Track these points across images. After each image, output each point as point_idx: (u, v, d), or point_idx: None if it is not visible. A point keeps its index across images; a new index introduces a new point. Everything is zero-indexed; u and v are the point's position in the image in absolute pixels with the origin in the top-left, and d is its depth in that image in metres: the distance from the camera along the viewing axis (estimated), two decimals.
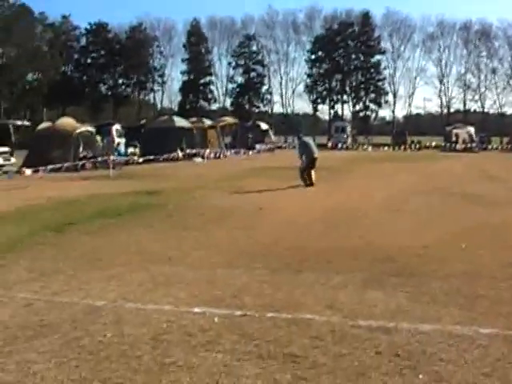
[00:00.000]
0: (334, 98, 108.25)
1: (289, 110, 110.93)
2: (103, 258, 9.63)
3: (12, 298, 7.56)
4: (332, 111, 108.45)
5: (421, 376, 4.93)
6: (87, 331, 6.12)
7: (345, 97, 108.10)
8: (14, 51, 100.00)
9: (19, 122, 56.30)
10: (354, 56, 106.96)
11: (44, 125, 40.26)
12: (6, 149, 39.06)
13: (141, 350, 5.61)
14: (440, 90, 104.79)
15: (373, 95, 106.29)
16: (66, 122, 38.26)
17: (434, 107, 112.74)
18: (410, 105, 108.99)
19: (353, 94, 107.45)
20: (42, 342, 5.91)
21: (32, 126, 58.73)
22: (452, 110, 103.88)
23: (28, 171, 27.41)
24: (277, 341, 5.76)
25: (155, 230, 12.26)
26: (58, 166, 28.08)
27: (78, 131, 35.77)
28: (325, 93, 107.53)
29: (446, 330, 6.00)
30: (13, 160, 38.77)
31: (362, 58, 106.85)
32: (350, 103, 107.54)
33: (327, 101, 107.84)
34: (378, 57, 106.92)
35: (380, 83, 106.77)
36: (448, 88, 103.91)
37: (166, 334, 6.05)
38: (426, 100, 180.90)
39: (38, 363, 5.39)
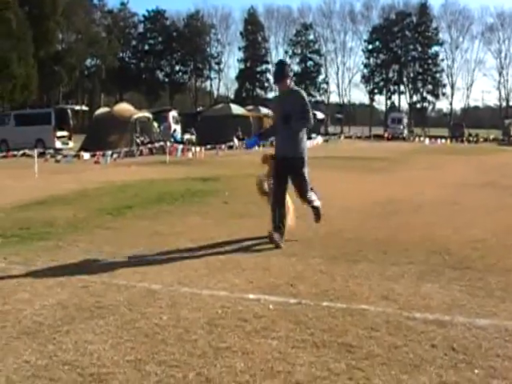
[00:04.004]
0: (391, 88, 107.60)
1: (345, 100, 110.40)
2: (159, 243, 9.72)
3: (69, 279, 7.68)
4: (389, 102, 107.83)
5: (476, 371, 4.87)
6: (143, 314, 6.19)
7: (402, 87, 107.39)
8: (73, 37, 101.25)
9: (77, 107, 57.24)
10: (411, 47, 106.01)
11: (102, 110, 40.76)
12: (64, 133, 39.72)
13: (196, 334, 5.65)
14: (499, 83, 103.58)
15: (430, 86, 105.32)
16: (124, 107, 38.67)
17: (492, 100, 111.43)
18: (467, 97, 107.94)
19: (410, 85, 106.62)
20: (98, 323, 5.99)
21: (90, 110, 59.54)
22: (511, 103, 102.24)
23: (86, 155, 27.76)
24: (331, 330, 5.75)
25: (210, 216, 12.32)
26: (116, 151, 28.37)
27: (135, 117, 36.14)
28: (382, 83, 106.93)
29: (503, 326, 5.91)
30: (71, 144, 39.41)
31: (419, 49, 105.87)
32: (407, 94, 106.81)
33: (384, 91, 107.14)
34: (435, 48, 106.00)
35: (438, 75, 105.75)
36: (507, 80, 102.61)
37: (221, 319, 6.08)
38: (484, 92, 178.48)
39: (94, 343, 5.47)
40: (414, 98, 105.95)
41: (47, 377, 4.79)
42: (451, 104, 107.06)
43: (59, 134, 39.34)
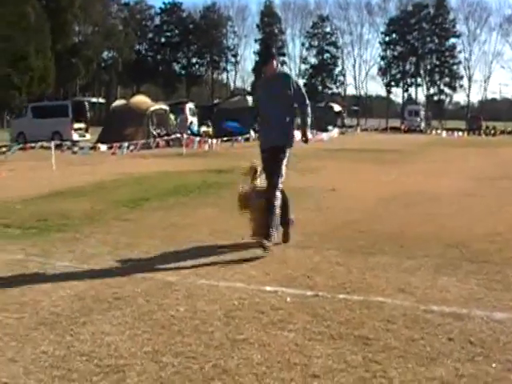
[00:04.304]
0: (408, 80, 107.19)
1: (362, 92, 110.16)
2: (176, 235, 9.74)
3: (87, 270, 7.72)
4: (405, 94, 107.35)
5: (494, 365, 4.84)
6: (160, 305, 6.21)
7: (419, 80, 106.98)
8: (90, 30, 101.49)
9: (94, 99, 57.45)
10: (428, 39, 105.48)
11: (118, 102, 40.84)
12: (81, 125, 39.85)
13: (213, 326, 5.66)
14: None
15: (447, 79, 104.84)
16: (140, 99, 38.73)
17: (510, 92, 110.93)
18: (485, 89, 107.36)
19: (427, 78, 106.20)
20: (115, 315, 6.02)
21: (107, 103, 59.71)
22: None
23: (103, 147, 27.84)
24: (348, 322, 5.74)
25: (227, 208, 12.30)
26: (133, 143, 28.42)
27: (151, 109, 36.19)
28: (399, 75, 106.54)
29: None
30: (88, 136, 39.53)
31: (436, 41, 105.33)
32: (424, 87, 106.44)
33: (401, 84, 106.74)
34: (453, 40, 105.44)
35: (455, 67, 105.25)
36: None
37: (238, 310, 6.09)
38: (502, 85, 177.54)
39: (111, 335, 5.49)
40: (431, 91, 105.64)
41: (65, 367, 4.81)
42: (468, 96, 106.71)
43: (76, 126, 39.47)
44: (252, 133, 39.09)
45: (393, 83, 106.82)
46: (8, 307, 6.31)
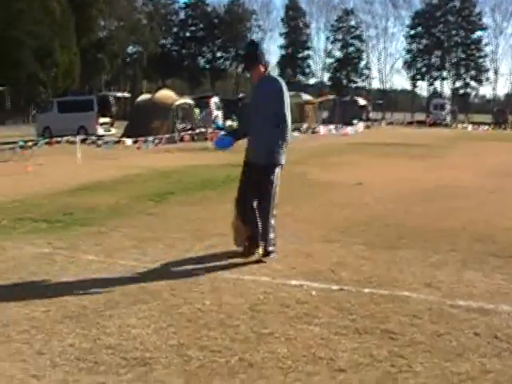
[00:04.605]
0: (434, 74, 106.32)
1: (387, 86, 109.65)
2: (201, 229, 9.76)
3: (112, 264, 7.76)
4: (431, 88, 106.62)
5: None
6: (185, 299, 6.22)
7: (444, 73, 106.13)
8: (115, 24, 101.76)
9: (119, 94, 57.52)
10: (454, 32, 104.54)
11: (144, 96, 40.90)
12: (106, 119, 39.99)
13: (238, 320, 5.67)
14: None
15: (473, 72, 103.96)
16: (166, 94, 38.77)
17: None
18: (511, 83, 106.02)
19: (453, 71, 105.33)
20: (141, 308, 6.04)
21: (132, 97, 59.87)
22: None
23: (128, 141, 27.94)
24: (374, 317, 5.73)
25: None
26: (158, 137, 28.50)
27: (176, 103, 36.22)
28: (424, 69, 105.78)
29: None
30: (113, 131, 39.66)
31: (462, 34, 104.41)
32: (450, 80, 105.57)
33: (426, 77, 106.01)
34: (479, 33, 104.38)
35: (481, 60, 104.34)
36: None
37: (263, 304, 6.10)
38: None
39: (137, 328, 5.53)
40: (457, 84, 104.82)
41: (91, 360, 4.85)
42: (494, 90, 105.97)
43: (101, 120, 39.59)
44: None
45: (418, 77, 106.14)
46: (35, 300, 6.37)
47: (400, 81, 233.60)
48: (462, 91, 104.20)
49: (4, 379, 4.56)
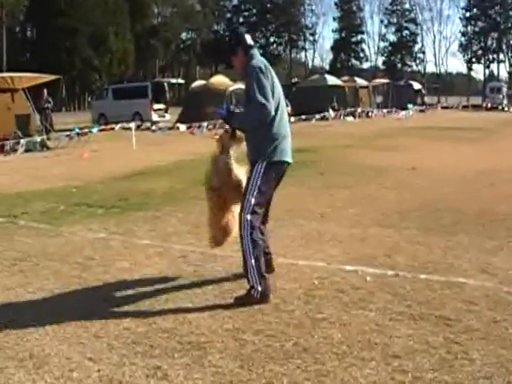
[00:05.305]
0: (490, 57, 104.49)
1: (442, 70, 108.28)
2: None
3: (168, 248, 7.83)
4: (487, 71, 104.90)
5: None
6: (240, 284, 6.20)
7: (501, 56, 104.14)
8: (168, 11, 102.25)
9: (173, 80, 57.73)
10: (511, 13, 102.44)
11: (198, 83, 41.08)
12: (160, 106, 40.24)
13: (293, 305, 5.67)
14: None
15: None
16: (220, 79, 38.86)
17: None
18: None
19: (510, 53, 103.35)
20: (196, 292, 6.09)
21: (186, 83, 60.11)
22: None
23: (182, 127, 28.05)
24: (429, 303, 5.68)
25: (307, 187, 12.31)
26: (212, 122, 28.56)
27: (230, 89, 36.27)
28: (480, 52, 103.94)
29: None
30: (167, 117, 39.90)
31: None
32: (507, 63, 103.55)
33: (482, 60, 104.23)
34: None
35: None
36: None
37: (318, 289, 6.08)
38: None
39: (192, 312, 5.56)
40: None
41: (147, 344, 4.90)
42: None
43: (156, 106, 39.87)
44: (331, 111, 38.93)
45: (474, 60, 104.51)
46: (92, 284, 6.47)
47: (455, 64, 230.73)
48: None
49: (62, 361, 4.64)
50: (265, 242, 6.23)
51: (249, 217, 5.91)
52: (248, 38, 6.36)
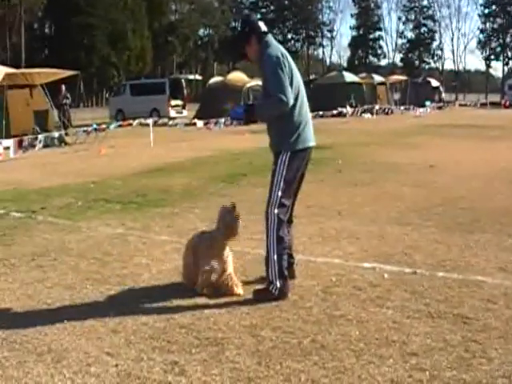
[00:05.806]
0: (509, 54, 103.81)
1: (460, 67, 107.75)
2: None
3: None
4: (506, 68, 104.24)
5: None
6: (258, 280, 6.20)
7: None
8: (186, 8, 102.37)
9: (191, 76, 57.96)
10: None
11: (215, 79, 41.22)
12: (178, 102, 40.36)
13: (311, 302, 5.67)
14: None
15: None
16: (237, 76, 38.98)
17: None
18: None
19: None
20: None
21: (203, 80, 60.23)
22: None
23: (199, 123, 28.09)
24: (447, 301, 5.66)
25: (325, 184, 12.29)
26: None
27: (248, 85, 36.40)
28: (499, 49, 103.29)
29: None
30: (185, 113, 40.02)
31: None
32: None
33: (501, 57, 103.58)
34: None
35: None
36: None
37: (336, 287, 6.08)
38: None
39: (209, 308, 5.58)
40: None
41: (164, 339, 4.91)
42: None
43: (173, 103, 40.01)
44: (348, 108, 38.86)
45: (492, 57, 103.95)
46: (110, 279, 6.49)
47: (473, 61, 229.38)
48: None
49: (80, 356, 4.66)
50: (289, 242, 6.14)
51: (276, 211, 5.83)
52: (262, 25, 6.18)
